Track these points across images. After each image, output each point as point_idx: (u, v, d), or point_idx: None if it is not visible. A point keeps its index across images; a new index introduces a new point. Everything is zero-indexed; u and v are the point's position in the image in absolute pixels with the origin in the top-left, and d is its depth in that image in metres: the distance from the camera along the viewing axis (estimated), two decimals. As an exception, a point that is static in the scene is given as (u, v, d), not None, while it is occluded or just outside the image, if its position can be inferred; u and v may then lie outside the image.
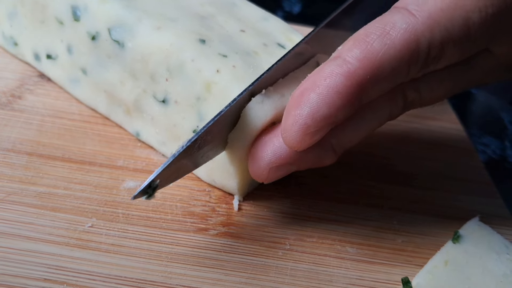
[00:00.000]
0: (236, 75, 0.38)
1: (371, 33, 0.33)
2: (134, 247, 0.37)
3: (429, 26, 0.33)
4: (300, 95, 0.33)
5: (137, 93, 0.42)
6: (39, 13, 0.45)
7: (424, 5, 0.33)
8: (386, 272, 0.39)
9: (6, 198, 0.38)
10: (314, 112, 0.33)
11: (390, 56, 0.33)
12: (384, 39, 0.33)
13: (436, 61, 0.35)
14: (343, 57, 0.33)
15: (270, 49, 0.41)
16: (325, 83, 0.32)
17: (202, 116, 0.39)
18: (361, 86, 0.33)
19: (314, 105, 0.33)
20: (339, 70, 0.32)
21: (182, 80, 0.39)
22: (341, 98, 0.32)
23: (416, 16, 0.33)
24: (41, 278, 0.33)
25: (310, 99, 0.33)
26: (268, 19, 0.45)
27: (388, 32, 0.33)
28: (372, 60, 0.33)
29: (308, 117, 0.33)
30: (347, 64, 0.32)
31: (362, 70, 0.32)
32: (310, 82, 0.33)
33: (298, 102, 0.33)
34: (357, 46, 0.33)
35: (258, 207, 0.41)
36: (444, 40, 0.34)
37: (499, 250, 0.38)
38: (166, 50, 0.39)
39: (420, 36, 0.33)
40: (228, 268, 0.37)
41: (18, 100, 0.46)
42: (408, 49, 0.33)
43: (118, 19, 0.41)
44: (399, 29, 0.33)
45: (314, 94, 0.33)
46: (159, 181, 0.34)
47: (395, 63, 0.33)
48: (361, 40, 0.33)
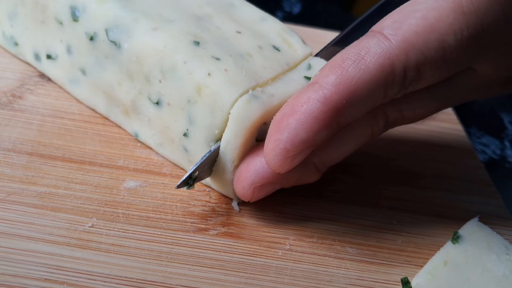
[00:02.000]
0: (228, 79, 0.38)
1: (346, 58, 0.34)
2: (134, 247, 0.37)
3: (403, 50, 0.33)
4: (280, 120, 0.34)
5: (134, 94, 0.42)
6: (39, 13, 0.45)
7: (399, 29, 0.34)
8: (386, 272, 0.39)
9: (6, 198, 0.38)
10: (293, 137, 0.34)
11: (366, 80, 0.33)
12: (358, 64, 0.33)
13: (414, 83, 0.35)
14: (320, 82, 0.34)
15: (265, 52, 0.41)
16: (303, 109, 0.33)
17: (191, 119, 0.39)
18: (338, 110, 0.33)
19: (292, 130, 0.34)
20: (316, 95, 0.33)
21: (174, 82, 0.39)
22: (318, 122, 0.33)
23: (390, 40, 0.34)
24: (42, 278, 0.34)
25: (289, 125, 0.34)
26: (266, 19, 0.44)
27: (362, 57, 0.33)
28: (347, 85, 0.33)
29: (288, 142, 0.34)
30: (323, 90, 0.33)
31: (338, 95, 0.33)
32: (289, 107, 0.34)
33: (278, 127, 0.34)
34: (333, 72, 0.34)
35: (258, 207, 0.42)
36: (420, 63, 0.34)
37: (498, 250, 0.38)
38: (160, 51, 0.39)
39: (395, 60, 0.33)
40: (228, 268, 0.37)
41: (18, 100, 0.46)
42: (383, 73, 0.33)
43: (115, 19, 0.41)
44: (374, 54, 0.33)
45: (293, 120, 0.34)
46: (198, 172, 0.38)
47: (370, 87, 0.34)
48: (336, 65, 0.34)
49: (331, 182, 0.45)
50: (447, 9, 0.34)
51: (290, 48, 0.43)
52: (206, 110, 0.38)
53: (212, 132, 0.38)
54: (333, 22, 0.76)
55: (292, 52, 0.42)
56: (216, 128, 0.38)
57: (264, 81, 0.39)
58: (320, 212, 0.42)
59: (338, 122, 0.34)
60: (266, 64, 0.40)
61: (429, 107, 0.39)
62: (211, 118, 0.38)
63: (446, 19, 0.34)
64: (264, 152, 0.35)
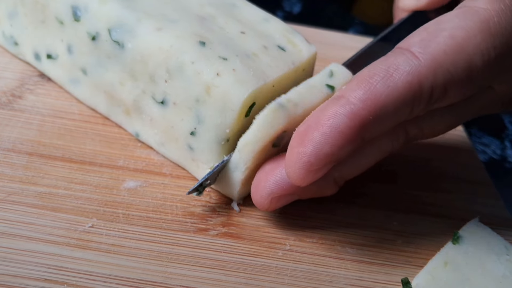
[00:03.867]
0: (237, 79, 0.38)
1: (374, 74, 0.33)
2: (134, 247, 0.37)
3: (432, 69, 0.33)
4: (304, 133, 0.34)
5: (136, 94, 0.42)
6: (39, 13, 0.45)
7: (427, 48, 0.34)
8: (386, 272, 0.39)
9: (6, 198, 0.38)
10: (318, 150, 0.33)
11: (393, 97, 0.33)
12: (387, 81, 0.33)
13: (439, 101, 0.35)
14: (347, 97, 0.33)
15: (270, 52, 0.41)
16: (329, 123, 0.33)
17: (200, 118, 0.39)
18: (364, 126, 0.33)
19: (317, 144, 0.33)
20: (343, 110, 0.33)
21: (181, 82, 0.39)
22: (343, 137, 0.33)
23: (419, 59, 0.34)
24: (42, 278, 0.34)
25: (314, 138, 0.33)
26: (268, 20, 0.44)
27: (391, 74, 0.33)
28: (375, 101, 0.33)
29: (312, 156, 0.33)
30: (350, 105, 0.33)
31: (365, 111, 0.33)
32: (314, 120, 0.34)
33: (302, 140, 0.34)
34: (360, 87, 0.33)
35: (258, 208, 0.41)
36: (447, 82, 0.34)
37: (498, 251, 0.38)
38: (166, 51, 0.39)
39: (423, 78, 0.33)
40: (228, 269, 0.37)
41: (18, 100, 0.46)
42: (411, 91, 0.33)
43: (118, 19, 0.41)
44: (402, 72, 0.33)
45: (318, 133, 0.33)
46: (209, 181, 0.39)
47: (398, 105, 0.34)
48: (364, 81, 0.33)
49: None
50: (474, 29, 0.34)
51: (295, 48, 0.43)
52: (216, 109, 0.38)
53: (222, 131, 0.39)
54: (333, 22, 0.76)
55: (297, 52, 0.43)
56: (227, 127, 0.38)
57: (272, 80, 0.39)
58: (320, 213, 0.42)
59: (363, 138, 0.34)
60: (273, 64, 0.40)
61: (448, 123, 0.40)
62: (221, 117, 0.38)
63: (473, 39, 0.34)
64: (285, 163, 0.35)
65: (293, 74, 0.42)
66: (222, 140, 0.39)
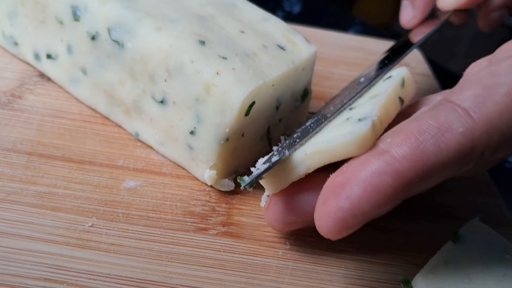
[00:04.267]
0: (236, 78, 0.38)
1: (424, 131, 0.31)
2: (134, 246, 0.37)
3: (486, 130, 0.31)
4: (341, 185, 0.31)
5: (136, 94, 0.42)
6: (39, 12, 0.45)
7: (483, 107, 0.31)
8: (386, 272, 0.39)
9: (6, 197, 0.38)
10: (355, 208, 0.30)
11: (443, 159, 0.31)
12: (438, 141, 0.31)
13: (486, 159, 0.33)
14: (392, 153, 0.31)
15: (270, 51, 0.41)
16: (371, 181, 0.30)
17: (200, 118, 0.39)
18: (409, 186, 0.31)
19: (356, 202, 0.30)
20: (388, 169, 0.30)
21: (181, 81, 0.39)
22: (385, 197, 0.30)
23: (473, 119, 0.31)
24: (41, 277, 0.34)
25: (353, 194, 0.30)
26: (268, 19, 0.45)
27: (442, 133, 0.31)
28: (423, 162, 0.30)
29: (348, 212, 0.31)
30: (396, 163, 0.30)
31: (412, 172, 0.30)
32: (354, 173, 0.31)
33: (338, 192, 0.31)
34: (408, 144, 0.31)
35: (258, 207, 0.41)
36: (500, 143, 0.32)
37: (499, 250, 0.38)
38: (165, 51, 0.39)
39: (476, 141, 0.31)
40: (228, 268, 0.37)
41: (18, 99, 0.46)
42: (462, 153, 0.31)
43: (118, 19, 0.41)
44: (455, 133, 0.31)
45: (358, 190, 0.30)
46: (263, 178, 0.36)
47: (447, 166, 0.31)
48: (413, 137, 0.31)
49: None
50: None
51: (295, 47, 0.43)
52: (215, 109, 0.38)
53: (222, 130, 0.39)
54: (333, 22, 0.76)
55: (297, 51, 0.43)
56: (227, 126, 0.38)
57: (271, 79, 0.39)
58: (320, 212, 0.42)
59: (404, 197, 0.31)
60: (272, 63, 0.40)
61: (476, 171, 0.38)
62: (221, 117, 0.38)
63: None
64: (316, 214, 0.32)
65: (293, 73, 0.42)
66: (221, 139, 0.39)
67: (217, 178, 0.41)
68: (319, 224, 0.32)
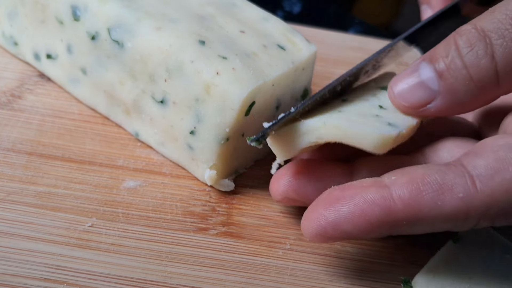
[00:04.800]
0: (236, 78, 0.38)
1: (427, 183, 0.32)
2: (134, 246, 0.37)
3: (487, 203, 0.31)
4: (335, 199, 0.33)
5: (136, 93, 0.42)
6: (39, 12, 0.45)
7: (490, 180, 0.31)
8: (386, 272, 0.39)
9: (6, 197, 0.38)
10: (338, 223, 0.32)
11: (435, 215, 0.32)
12: (436, 197, 0.32)
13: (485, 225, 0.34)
14: (391, 191, 0.32)
15: (270, 51, 0.41)
16: (361, 206, 0.32)
17: (200, 117, 0.39)
18: (394, 225, 0.32)
19: (341, 217, 0.32)
20: (381, 202, 0.32)
21: (181, 81, 0.39)
22: (369, 226, 0.32)
23: (477, 189, 0.31)
24: (41, 277, 0.34)
25: (340, 210, 0.32)
26: (268, 19, 0.44)
27: (443, 192, 0.32)
28: (416, 210, 0.32)
29: (330, 224, 0.33)
30: (390, 201, 0.32)
31: (402, 214, 0.32)
32: (351, 193, 0.33)
33: (330, 204, 0.33)
34: (408, 188, 0.32)
35: (258, 207, 0.41)
36: (496, 216, 0.32)
37: (499, 250, 0.38)
38: (165, 50, 0.39)
39: (472, 210, 0.32)
40: (228, 268, 0.37)
41: (18, 99, 0.46)
42: (456, 216, 0.32)
43: (118, 19, 0.41)
44: (455, 196, 0.31)
45: (346, 208, 0.32)
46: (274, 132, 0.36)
47: (438, 222, 0.32)
48: (415, 183, 0.32)
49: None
50: None
51: (295, 47, 0.43)
52: (215, 108, 0.38)
53: (222, 130, 0.39)
54: (333, 22, 0.76)
55: (297, 51, 0.43)
56: (227, 126, 0.38)
57: (271, 79, 0.39)
58: (321, 212, 0.42)
59: (389, 232, 0.33)
60: (272, 63, 0.40)
61: None
62: (221, 116, 0.38)
63: None
64: (304, 214, 0.34)
65: (293, 73, 0.42)
66: (221, 139, 0.39)
67: (217, 178, 0.41)
68: (302, 223, 0.34)
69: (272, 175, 0.38)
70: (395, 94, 0.36)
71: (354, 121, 0.35)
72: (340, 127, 0.34)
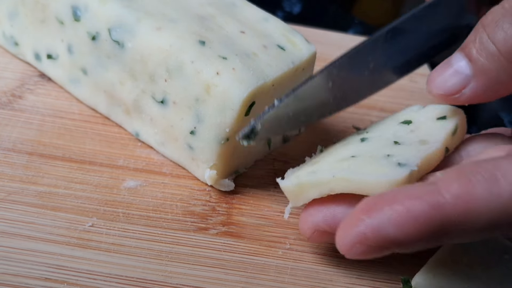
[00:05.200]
0: (236, 78, 0.38)
1: (478, 172, 0.29)
2: (134, 246, 0.37)
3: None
4: (373, 202, 0.30)
5: (136, 94, 0.42)
6: (39, 12, 0.45)
7: None
8: (386, 271, 0.39)
9: (6, 197, 0.38)
10: (379, 226, 0.28)
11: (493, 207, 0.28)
12: (491, 186, 0.28)
13: None
14: (439, 186, 0.29)
15: (270, 51, 0.41)
16: (406, 203, 0.28)
17: (200, 117, 0.39)
18: (445, 225, 0.28)
19: (382, 219, 0.28)
20: (428, 197, 0.28)
21: (181, 81, 0.39)
22: (416, 227, 0.28)
23: None
24: (42, 277, 0.34)
25: (382, 211, 0.29)
26: (268, 19, 0.45)
27: (498, 179, 0.28)
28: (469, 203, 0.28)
29: (370, 229, 0.29)
30: (439, 196, 0.28)
31: (454, 209, 0.28)
32: (391, 195, 0.29)
33: (367, 208, 0.30)
34: (458, 179, 0.29)
35: (258, 206, 0.42)
36: None
37: (498, 250, 0.38)
38: (165, 51, 0.39)
39: None
40: (228, 268, 0.37)
41: (18, 99, 0.46)
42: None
43: (118, 19, 0.41)
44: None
45: (388, 208, 0.29)
46: (261, 126, 0.36)
47: (496, 216, 0.28)
48: (465, 176, 0.29)
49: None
50: None
51: (294, 47, 0.43)
52: (215, 108, 0.38)
53: (222, 130, 0.39)
54: (333, 22, 0.76)
55: (297, 51, 0.43)
56: (227, 126, 0.38)
57: (271, 79, 0.39)
58: (320, 212, 0.42)
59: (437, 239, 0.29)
60: (272, 63, 0.40)
61: None
62: (221, 116, 0.38)
63: None
64: (340, 225, 0.31)
65: (293, 74, 0.42)
66: (222, 139, 0.39)
67: (217, 178, 0.41)
68: (338, 234, 0.31)
69: (270, 175, 0.38)
70: (431, 85, 0.36)
71: (363, 170, 0.34)
72: (349, 179, 0.33)
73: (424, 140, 0.37)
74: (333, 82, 0.39)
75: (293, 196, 0.36)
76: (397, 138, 0.38)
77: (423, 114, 0.40)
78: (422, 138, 0.37)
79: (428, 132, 0.38)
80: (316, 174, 0.35)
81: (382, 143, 0.37)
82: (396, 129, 0.39)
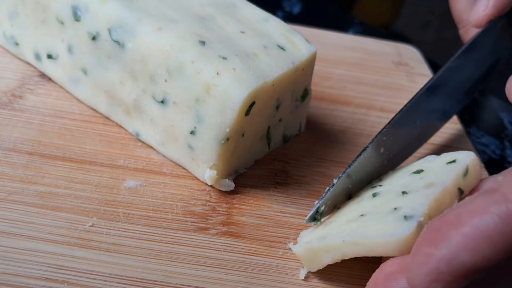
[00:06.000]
0: (236, 78, 0.38)
1: None
2: (134, 246, 0.37)
3: None
4: (437, 230, 0.27)
5: (137, 94, 0.42)
6: (40, 13, 0.45)
7: None
8: (386, 271, 0.39)
9: (7, 197, 0.38)
10: (452, 256, 0.25)
11: None
12: None
13: None
14: (504, 192, 0.25)
15: (270, 51, 0.41)
16: (473, 222, 0.25)
17: (200, 117, 0.39)
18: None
19: (453, 247, 0.25)
20: (495, 208, 0.25)
21: (181, 82, 0.39)
22: (491, 244, 0.25)
23: None
24: (42, 277, 0.34)
25: (450, 239, 0.26)
26: (268, 20, 0.45)
27: None
28: None
29: (443, 261, 0.26)
30: (508, 203, 0.25)
31: None
32: (454, 215, 0.26)
33: (433, 238, 0.27)
34: None
35: (258, 206, 0.42)
36: None
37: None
38: (166, 51, 0.39)
39: None
40: (228, 267, 0.37)
41: (19, 100, 0.46)
42: None
43: (119, 19, 0.41)
44: None
45: (457, 233, 0.26)
46: (325, 206, 0.38)
47: None
48: None
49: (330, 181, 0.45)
50: None
51: (294, 47, 0.43)
52: (216, 108, 0.38)
53: (222, 130, 0.39)
54: (333, 22, 0.77)
55: (297, 51, 0.43)
56: (227, 126, 0.38)
57: (271, 79, 0.39)
58: (320, 212, 0.42)
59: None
60: (272, 63, 0.40)
61: None
62: (221, 116, 0.38)
63: None
64: (408, 263, 0.27)
65: (293, 73, 0.42)
66: (222, 139, 0.39)
67: (217, 178, 0.41)
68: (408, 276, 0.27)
69: (270, 175, 0.38)
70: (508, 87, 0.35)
71: (371, 231, 0.33)
72: (358, 243, 0.33)
73: (431, 183, 0.35)
74: (384, 148, 0.40)
75: (306, 261, 0.37)
76: (405, 188, 0.36)
77: (436, 162, 0.38)
78: (428, 182, 0.35)
79: (436, 176, 0.36)
80: (327, 239, 0.35)
81: (391, 196, 0.36)
82: (407, 179, 0.38)
